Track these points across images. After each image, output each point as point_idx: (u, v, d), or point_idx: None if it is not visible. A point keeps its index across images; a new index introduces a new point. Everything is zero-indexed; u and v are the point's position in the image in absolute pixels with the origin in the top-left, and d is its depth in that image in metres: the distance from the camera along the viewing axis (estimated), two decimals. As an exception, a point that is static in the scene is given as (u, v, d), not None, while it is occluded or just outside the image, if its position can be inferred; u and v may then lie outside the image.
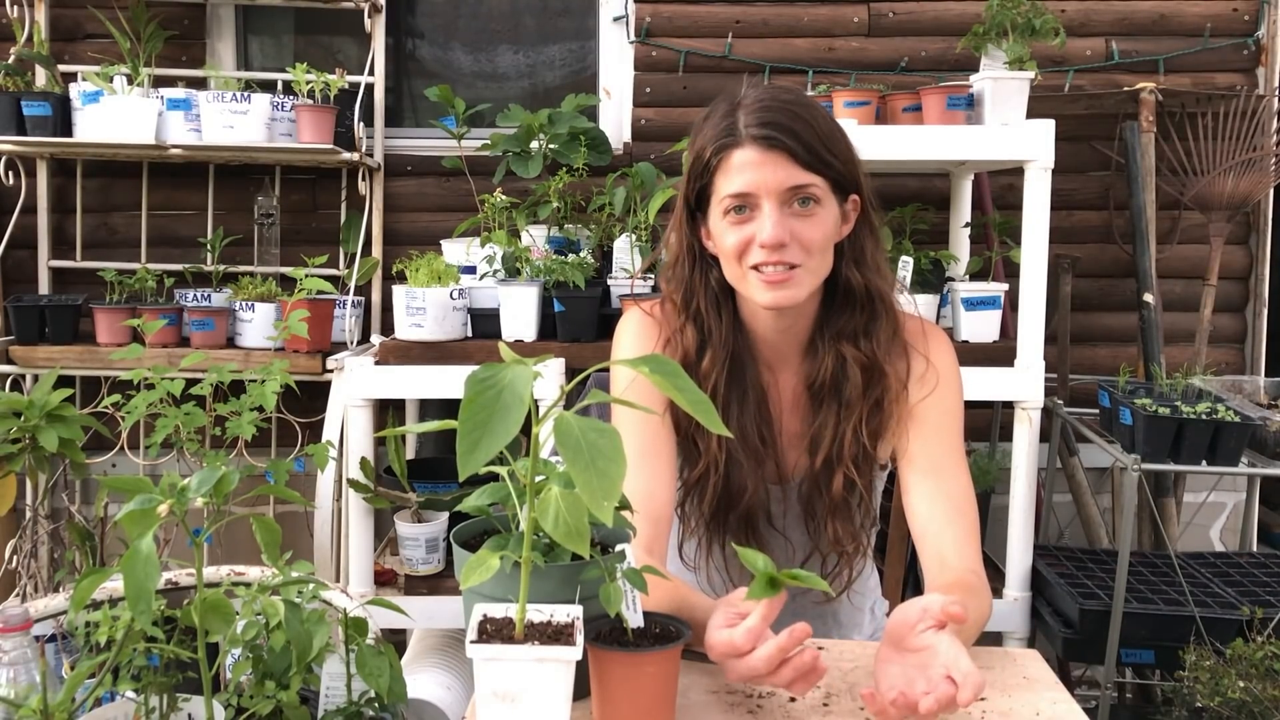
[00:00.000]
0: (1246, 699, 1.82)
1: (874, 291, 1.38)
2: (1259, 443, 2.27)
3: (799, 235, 1.30)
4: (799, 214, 1.30)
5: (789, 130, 1.28)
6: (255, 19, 2.96)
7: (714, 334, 1.40)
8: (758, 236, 1.29)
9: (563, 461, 0.90)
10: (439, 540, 2.36)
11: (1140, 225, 2.61)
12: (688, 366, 1.39)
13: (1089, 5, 2.80)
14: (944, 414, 1.41)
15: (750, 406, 1.41)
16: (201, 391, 2.10)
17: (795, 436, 1.45)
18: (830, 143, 1.31)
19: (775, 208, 1.29)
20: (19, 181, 2.79)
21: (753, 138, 1.29)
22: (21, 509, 2.51)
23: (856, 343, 1.38)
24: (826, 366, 1.39)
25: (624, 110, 2.87)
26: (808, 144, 1.29)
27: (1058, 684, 1.22)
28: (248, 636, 1.05)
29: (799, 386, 1.44)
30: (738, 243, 1.32)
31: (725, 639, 1.05)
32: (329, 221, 2.89)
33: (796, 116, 1.29)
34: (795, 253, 1.30)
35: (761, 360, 1.44)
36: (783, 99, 1.32)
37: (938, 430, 1.40)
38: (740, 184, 1.29)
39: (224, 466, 1.04)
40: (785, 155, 1.28)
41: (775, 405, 1.44)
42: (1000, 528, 2.38)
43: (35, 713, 1.01)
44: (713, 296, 1.40)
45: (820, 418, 1.40)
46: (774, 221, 1.28)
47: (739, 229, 1.31)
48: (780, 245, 1.29)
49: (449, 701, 2.18)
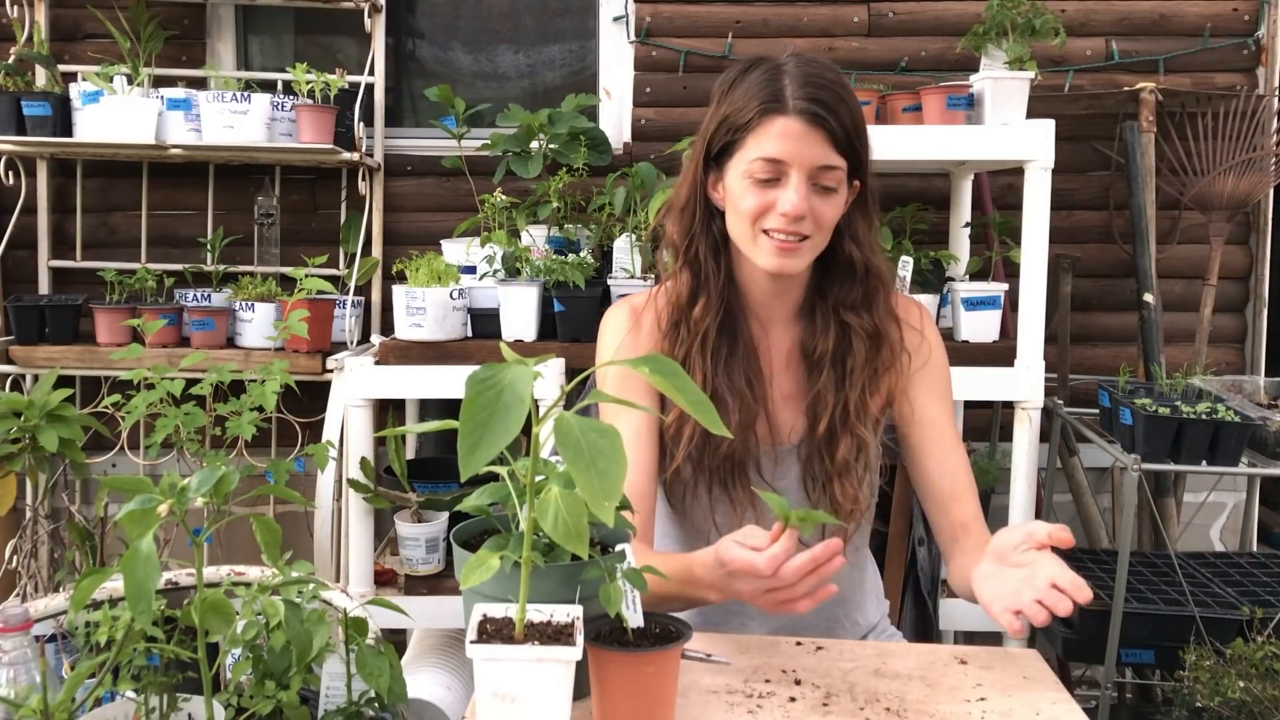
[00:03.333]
0: (1246, 699, 1.82)
1: (871, 267, 1.44)
2: (1259, 443, 2.27)
3: (816, 211, 1.35)
4: (819, 192, 1.35)
5: (834, 111, 1.32)
6: (255, 19, 2.96)
7: (709, 281, 1.44)
8: (779, 205, 1.34)
9: (563, 461, 0.90)
10: (439, 540, 2.36)
11: (1140, 225, 2.61)
12: (679, 308, 1.44)
13: (1089, 5, 2.80)
14: (943, 381, 1.51)
15: (740, 356, 1.45)
16: (201, 391, 2.09)
17: (787, 396, 1.48)
18: (858, 130, 1.36)
19: (802, 181, 1.34)
20: (19, 181, 2.78)
21: (800, 111, 1.32)
22: (21, 509, 2.51)
23: (858, 313, 1.44)
24: (829, 336, 1.44)
25: (624, 110, 2.87)
26: (846, 129, 1.33)
27: (1058, 684, 1.22)
28: (248, 636, 1.05)
29: (792, 348, 1.48)
30: (756, 206, 1.36)
31: (745, 558, 1.13)
32: (329, 221, 2.89)
33: (841, 100, 1.34)
34: (809, 226, 1.35)
35: (753, 316, 1.48)
36: (829, 77, 1.35)
37: (941, 397, 1.50)
38: (776, 150, 1.33)
39: (224, 466, 1.04)
40: (825, 134, 1.32)
41: (766, 361, 1.48)
42: (1000, 528, 2.37)
43: (35, 713, 1.01)
44: (712, 245, 1.44)
45: (819, 383, 1.44)
46: (801, 195, 1.33)
47: (760, 192, 1.35)
48: (800, 218, 1.34)
49: (449, 701, 2.18)
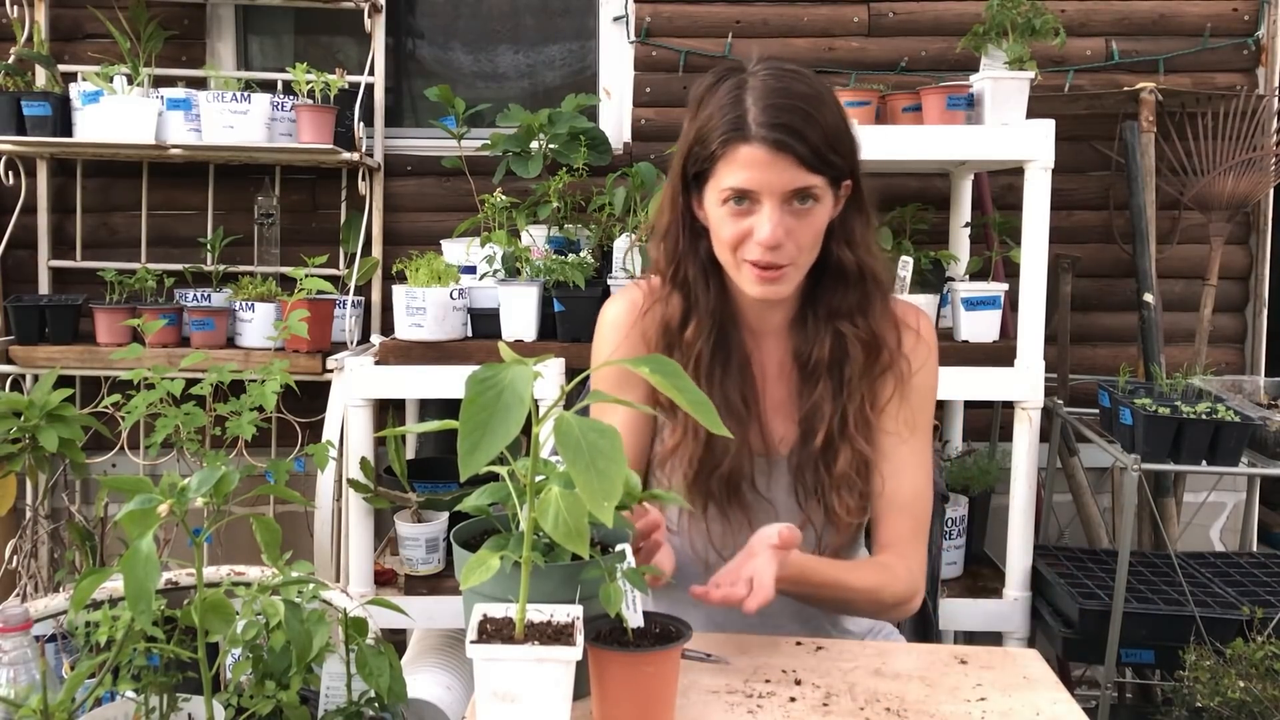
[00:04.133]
0: (1246, 699, 1.82)
1: (866, 270, 1.40)
2: (1259, 443, 2.27)
3: (794, 234, 1.31)
4: (797, 211, 1.31)
5: (798, 134, 1.27)
6: (255, 19, 2.96)
7: (700, 302, 1.42)
8: (755, 234, 1.30)
9: (563, 461, 0.90)
10: (439, 540, 2.36)
11: (1140, 225, 2.60)
12: (670, 333, 1.42)
13: (1089, 5, 2.80)
14: (922, 395, 1.47)
15: (734, 374, 1.43)
16: (201, 391, 2.09)
17: (779, 405, 1.46)
18: (836, 141, 1.31)
19: (775, 208, 1.30)
20: (19, 181, 2.78)
21: (762, 138, 1.27)
22: (21, 509, 2.51)
23: (854, 320, 1.40)
24: (824, 344, 1.41)
25: (624, 110, 2.87)
26: (815, 147, 1.28)
27: (1058, 684, 1.22)
28: (248, 636, 1.05)
29: (785, 356, 1.46)
30: (734, 235, 1.33)
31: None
32: (329, 221, 2.89)
33: (808, 116, 1.28)
34: (789, 252, 1.32)
35: (746, 328, 1.46)
36: (795, 91, 1.29)
37: (913, 410, 1.45)
38: (743, 180, 1.29)
39: (224, 466, 1.04)
40: (792, 158, 1.27)
41: (759, 372, 1.46)
42: (1000, 528, 2.38)
43: (35, 713, 1.01)
44: (701, 266, 1.42)
45: (815, 393, 1.42)
46: (774, 223, 1.29)
47: (736, 221, 1.32)
48: (777, 246, 1.30)
49: (449, 701, 2.18)
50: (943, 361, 1.54)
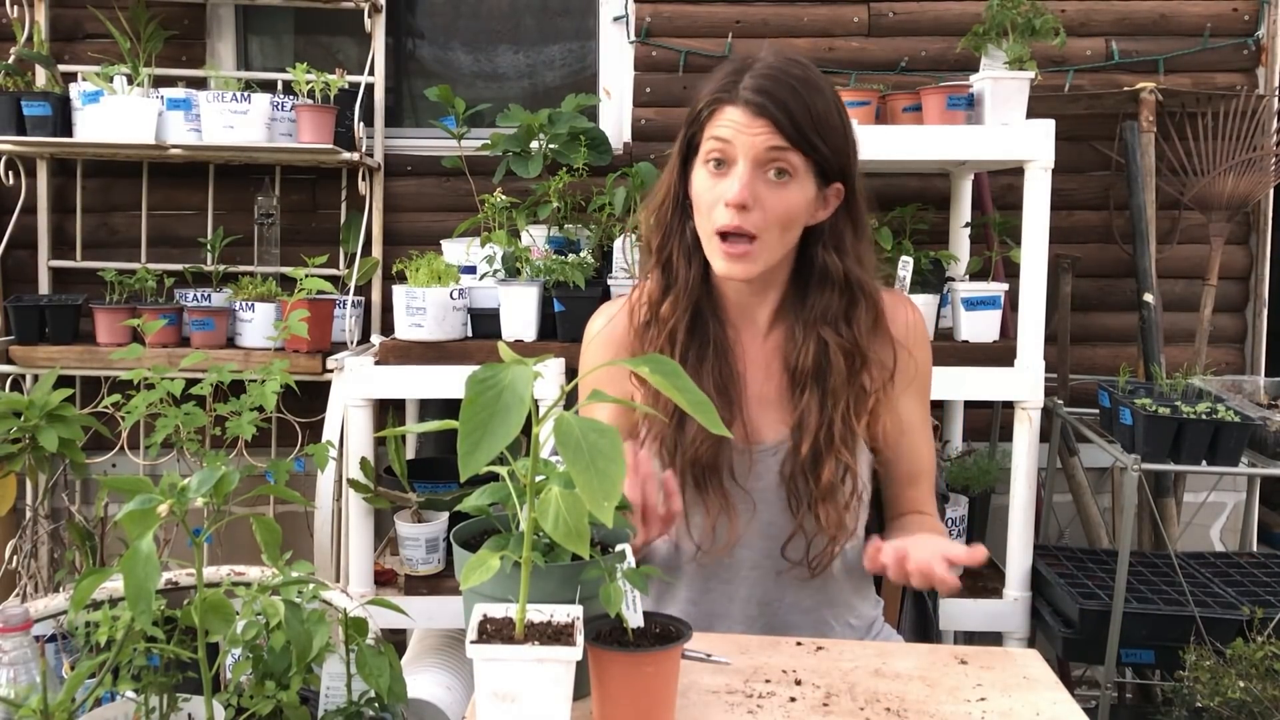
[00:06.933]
0: (1246, 699, 1.82)
1: (853, 279, 1.41)
2: (1259, 443, 2.27)
3: (763, 201, 1.33)
4: (771, 183, 1.34)
5: (781, 103, 1.31)
6: (255, 19, 2.96)
7: (679, 279, 1.44)
8: (725, 194, 1.33)
9: (563, 461, 0.90)
10: (439, 540, 2.36)
11: (1140, 225, 2.61)
12: (651, 308, 1.46)
13: (1089, 5, 2.80)
14: (925, 385, 1.54)
15: (711, 358, 1.44)
16: (201, 391, 2.09)
17: (765, 401, 1.46)
18: (821, 127, 1.34)
19: (748, 169, 1.33)
20: (19, 181, 2.78)
21: (745, 101, 1.32)
22: (21, 509, 2.51)
23: (838, 328, 1.41)
24: (808, 350, 1.42)
25: (624, 110, 2.87)
26: (796, 121, 1.32)
27: (1058, 684, 1.22)
28: (248, 636, 1.05)
29: (772, 355, 1.47)
30: (710, 196, 1.36)
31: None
32: (329, 221, 2.89)
33: (795, 92, 1.32)
34: (756, 219, 1.34)
35: (725, 317, 1.48)
36: (790, 73, 1.34)
37: (922, 401, 1.53)
38: (721, 134, 1.34)
39: (224, 466, 1.04)
40: (770, 125, 1.31)
41: (740, 363, 1.47)
42: (1000, 528, 2.38)
43: (35, 713, 1.01)
44: (686, 246, 1.44)
45: (803, 401, 1.43)
46: (743, 183, 1.32)
47: (714, 184, 1.36)
48: (743, 206, 1.33)
49: (449, 701, 2.18)
50: (943, 361, 1.55)
